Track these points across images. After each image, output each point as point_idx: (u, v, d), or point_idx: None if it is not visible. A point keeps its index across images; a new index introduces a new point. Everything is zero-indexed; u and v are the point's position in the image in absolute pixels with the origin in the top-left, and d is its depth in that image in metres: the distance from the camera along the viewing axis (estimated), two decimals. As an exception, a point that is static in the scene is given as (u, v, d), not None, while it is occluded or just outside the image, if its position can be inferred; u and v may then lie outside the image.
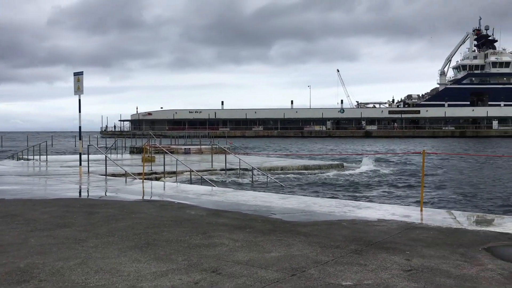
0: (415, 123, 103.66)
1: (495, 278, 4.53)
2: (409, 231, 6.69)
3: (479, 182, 19.84)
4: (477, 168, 26.81)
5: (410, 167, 26.86)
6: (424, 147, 51.59)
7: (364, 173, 22.64)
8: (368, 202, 11.37)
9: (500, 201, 14.53)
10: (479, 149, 52.40)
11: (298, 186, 17.20)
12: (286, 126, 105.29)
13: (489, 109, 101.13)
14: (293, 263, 5.00)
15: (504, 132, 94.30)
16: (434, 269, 4.83)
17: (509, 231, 6.63)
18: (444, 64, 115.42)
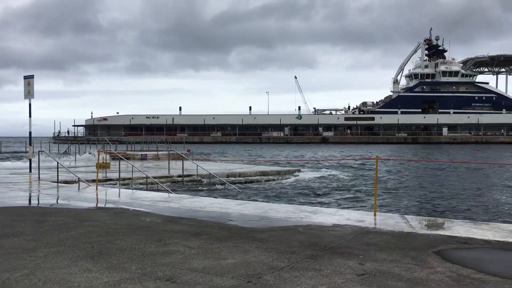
0: (370, 130, 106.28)
1: (443, 280, 4.68)
2: (363, 236, 6.82)
3: (430, 187, 20.52)
4: (429, 174, 27.73)
5: (365, 172, 27.46)
6: (380, 153, 52.97)
7: (321, 178, 22.96)
8: (324, 207, 11.53)
9: (450, 206, 15.07)
10: (430, 155, 54.28)
11: (256, 192, 17.24)
12: (244, 132, 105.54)
13: (440, 116, 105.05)
14: (249, 270, 4.99)
15: (453, 138, 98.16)
16: (386, 273, 4.94)
17: (457, 235, 6.88)
18: (397, 72, 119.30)
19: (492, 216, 13.01)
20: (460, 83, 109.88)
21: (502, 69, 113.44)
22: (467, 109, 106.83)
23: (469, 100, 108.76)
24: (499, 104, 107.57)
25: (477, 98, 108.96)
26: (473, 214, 13.41)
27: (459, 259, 5.49)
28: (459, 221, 8.66)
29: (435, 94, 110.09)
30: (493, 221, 10.27)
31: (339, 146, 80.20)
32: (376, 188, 9.19)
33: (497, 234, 6.92)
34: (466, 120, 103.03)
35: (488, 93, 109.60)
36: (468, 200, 16.41)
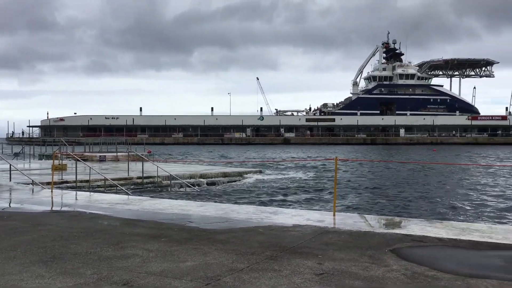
0: (330, 131, 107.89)
1: (399, 278, 4.80)
2: (322, 236, 6.90)
3: (388, 187, 21.02)
4: (387, 174, 28.41)
5: (325, 173, 27.85)
6: (340, 154, 53.87)
7: (282, 179, 23.12)
8: (285, 208, 11.61)
9: (407, 205, 15.48)
10: (390, 156, 55.63)
11: (217, 193, 17.17)
12: (206, 133, 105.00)
13: (397, 118, 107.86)
14: (208, 272, 4.95)
15: (410, 139, 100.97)
16: (344, 272, 5.01)
17: (412, 233, 7.06)
18: (357, 74, 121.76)
19: (446, 215, 13.45)
20: (416, 86, 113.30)
21: (456, 72, 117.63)
22: (423, 111, 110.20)
23: (425, 102, 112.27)
24: (452, 106, 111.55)
25: (432, 100, 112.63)
26: (428, 213, 13.82)
27: (414, 257, 5.63)
28: (415, 220, 8.90)
29: (392, 96, 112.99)
30: (447, 220, 10.61)
31: (300, 147, 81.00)
32: (336, 188, 9.33)
33: (450, 232, 7.15)
34: (422, 121, 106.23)
35: (443, 96, 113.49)
36: (424, 199, 16.91)
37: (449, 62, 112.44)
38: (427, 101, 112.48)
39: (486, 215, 13.49)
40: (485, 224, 9.55)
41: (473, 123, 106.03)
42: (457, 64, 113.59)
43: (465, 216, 13.23)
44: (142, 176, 18.64)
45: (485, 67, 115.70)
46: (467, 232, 7.10)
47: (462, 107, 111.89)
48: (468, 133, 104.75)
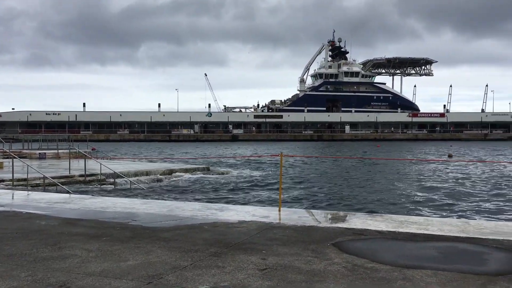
0: (278, 127, 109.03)
1: (340, 271, 4.91)
2: (267, 231, 6.95)
3: (334, 182, 21.51)
4: (333, 169, 29.06)
5: (272, 169, 28.11)
6: (287, 150, 54.53)
7: (230, 175, 23.11)
8: (231, 204, 11.61)
9: (352, 199, 15.91)
10: (334, 151, 56.95)
11: (163, 191, 16.92)
12: (153, 130, 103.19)
13: (342, 114, 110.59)
14: (150, 271, 4.86)
15: (355, 136, 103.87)
16: (287, 266, 5.06)
17: (354, 227, 7.25)
18: (304, 72, 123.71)
19: (388, 208, 13.94)
20: (361, 83, 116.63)
21: (398, 71, 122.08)
22: (367, 108, 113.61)
23: (369, 100, 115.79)
24: (395, 104, 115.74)
25: (376, 97, 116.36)
26: (371, 206, 14.26)
27: (354, 250, 5.78)
28: (357, 213, 9.16)
29: (338, 94, 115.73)
30: (387, 213, 10.97)
31: (248, 144, 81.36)
32: (281, 184, 9.42)
33: (390, 225, 7.40)
34: (366, 118, 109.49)
35: (385, 93, 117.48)
36: (368, 193, 17.44)
37: (391, 60, 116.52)
38: (371, 99, 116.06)
39: (424, 208, 14.08)
40: (422, 216, 9.96)
41: (414, 120, 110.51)
42: (399, 62, 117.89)
43: (405, 209, 13.76)
44: (85, 174, 18.07)
45: (425, 66, 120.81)
46: (405, 225, 7.38)
47: (404, 105, 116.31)
48: (409, 130, 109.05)
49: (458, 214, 12.78)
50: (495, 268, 5.03)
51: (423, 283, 4.50)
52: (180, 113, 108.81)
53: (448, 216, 12.46)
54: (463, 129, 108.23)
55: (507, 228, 7.18)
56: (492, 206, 14.44)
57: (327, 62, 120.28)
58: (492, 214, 12.97)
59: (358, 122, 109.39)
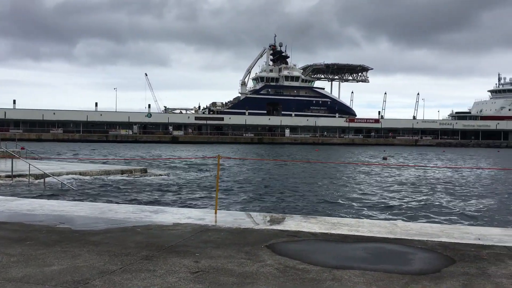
0: (219, 130, 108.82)
1: (272, 272, 4.94)
2: (201, 234, 6.88)
3: (272, 184, 21.72)
4: (271, 172, 29.36)
5: (210, 171, 27.98)
6: (228, 153, 54.50)
7: (167, 177, 22.74)
8: (166, 207, 11.40)
9: (289, 201, 16.12)
10: (277, 154, 57.63)
11: (96, 192, 16.34)
12: (89, 130, 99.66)
13: (283, 118, 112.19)
14: (75, 276, 4.66)
15: (294, 139, 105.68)
16: (220, 269, 5.03)
17: (288, 229, 7.34)
18: (245, 75, 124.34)
19: (322, 210, 14.26)
20: (301, 88, 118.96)
21: (336, 76, 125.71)
22: (306, 112, 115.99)
23: (308, 104, 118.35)
24: (333, 109, 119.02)
25: (315, 102, 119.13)
26: (308, 209, 14.53)
27: (287, 252, 5.85)
28: (293, 216, 9.29)
29: (278, 97, 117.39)
30: (321, 215, 11.22)
31: (189, 146, 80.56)
32: (217, 186, 9.38)
33: (323, 226, 7.56)
34: (305, 122, 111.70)
35: (324, 98, 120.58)
36: (305, 196, 17.75)
37: (330, 66, 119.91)
38: (310, 103, 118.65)
39: (357, 210, 14.54)
40: (354, 218, 10.26)
41: (351, 125, 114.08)
42: (337, 68, 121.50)
43: (339, 211, 14.13)
44: (12, 174, 17.11)
45: (361, 73, 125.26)
46: (338, 227, 7.57)
47: (341, 110, 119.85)
48: (346, 134, 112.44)
49: (389, 216, 13.31)
50: (419, 268, 5.26)
51: (350, 283, 4.62)
52: (118, 113, 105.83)
53: (379, 218, 12.94)
54: (396, 135, 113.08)
55: (431, 229, 7.55)
56: (420, 208, 15.15)
57: (268, 66, 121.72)
58: (420, 216, 13.60)
59: (298, 126, 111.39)
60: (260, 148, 77.13)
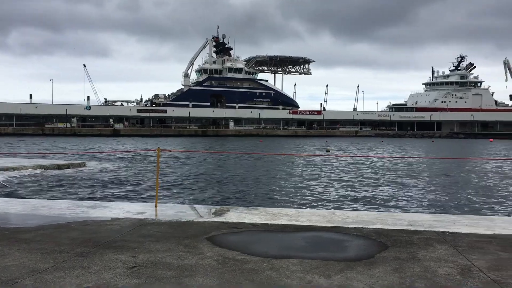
0: (162, 122, 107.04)
1: (211, 264, 4.93)
2: (141, 228, 6.75)
3: (215, 176, 21.66)
4: (215, 164, 29.28)
5: (152, 164, 27.50)
6: (171, 145, 53.73)
7: (106, 171, 22.12)
8: (105, 201, 11.09)
9: (233, 193, 16.14)
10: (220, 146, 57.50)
11: (29, 188, 15.62)
12: (23, 123, 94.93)
13: (227, 110, 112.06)
14: (3, 275, 4.43)
15: (238, 131, 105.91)
16: (158, 263, 4.96)
17: (229, 220, 7.36)
18: (188, 66, 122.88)
19: (266, 201, 14.40)
20: (244, 80, 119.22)
21: (279, 69, 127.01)
22: (250, 104, 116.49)
23: (252, 96, 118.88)
24: (276, 101, 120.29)
25: (259, 94, 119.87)
26: (251, 200, 14.62)
27: (227, 243, 5.86)
28: (234, 207, 9.31)
29: (222, 89, 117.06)
30: (263, 206, 11.33)
31: (131, 139, 78.70)
32: (158, 179, 9.23)
33: (263, 217, 7.64)
34: (249, 114, 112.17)
35: (268, 90, 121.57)
36: (250, 187, 17.85)
37: (273, 58, 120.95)
38: (254, 95, 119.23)
39: (298, 200, 14.80)
40: (294, 208, 10.45)
41: (294, 117, 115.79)
42: (280, 60, 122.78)
43: (281, 202, 14.32)
44: None
45: (304, 65, 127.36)
46: (278, 217, 7.67)
47: (285, 102, 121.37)
48: (289, 126, 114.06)
49: (329, 205, 13.65)
50: (354, 254, 5.44)
51: (288, 272, 4.70)
52: (55, 106, 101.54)
53: (319, 207, 13.25)
54: (338, 126, 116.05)
55: (367, 217, 7.83)
56: (359, 197, 15.65)
57: (211, 57, 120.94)
58: (358, 204, 14.07)
59: (242, 118, 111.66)
60: (204, 140, 76.69)
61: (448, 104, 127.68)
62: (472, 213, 12.01)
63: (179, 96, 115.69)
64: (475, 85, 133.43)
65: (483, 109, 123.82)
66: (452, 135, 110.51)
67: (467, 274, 4.70)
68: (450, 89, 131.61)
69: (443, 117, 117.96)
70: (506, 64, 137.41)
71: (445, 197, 16.06)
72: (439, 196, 16.36)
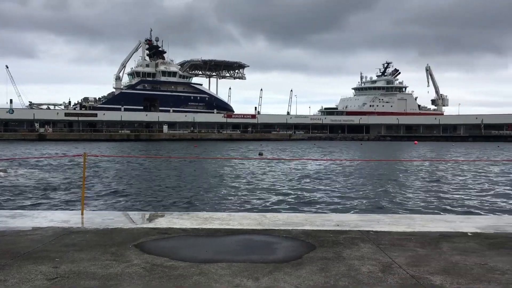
0: (92, 126, 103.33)
1: (137, 272, 4.81)
2: (64, 237, 6.46)
3: (146, 181, 21.21)
4: (147, 169, 28.66)
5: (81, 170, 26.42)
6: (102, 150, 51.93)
7: (29, 179, 21.00)
8: (26, 210, 10.51)
9: (164, 199, 15.87)
10: (151, 150, 56.34)
11: None
12: None
13: (160, 114, 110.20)
14: None
15: (173, 135, 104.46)
16: (82, 273, 4.77)
17: (159, 226, 7.22)
18: (120, 69, 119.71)
19: (199, 205, 14.30)
20: (178, 83, 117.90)
21: (214, 73, 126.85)
22: (184, 108, 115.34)
23: (186, 100, 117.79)
24: (211, 105, 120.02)
25: (193, 98, 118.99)
26: (183, 205, 14.45)
27: (156, 250, 5.75)
28: (165, 212, 9.14)
29: (156, 93, 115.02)
30: (196, 211, 11.25)
31: (58, 144, 75.23)
32: (84, 186, 8.88)
33: (194, 222, 7.56)
34: (184, 118, 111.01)
35: (202, 94, 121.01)
36: (183, 192, 17.63)
37: (207, 62, 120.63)
38: (188, 99, 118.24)
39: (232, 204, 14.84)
40: (226, 212, 10.46)
41: (228, 120, 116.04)
42: (214, 65, 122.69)
43: (213, 206, 14.28)
44: None
45: (238, 70, 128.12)
46: (209, 221, 7.63)
47: (219, 106, 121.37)
48: (224, 130, 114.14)
49: (261, 208, 13.79)
50: (282, 256, 5.52)
51: (217, 276, 4.69)
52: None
53: (251, 210, 13.35)
54: (272, 130, 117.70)
55: (297, 218, 7.99)
56: (291, 198, 15.95)
57: (144, 60, 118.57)
58: (290, 207, 14.33)
59: (176, 122, 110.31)
60: (137, 145, 74.91)
61: (376, 108, 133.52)
62: (394, 212, 12.63)
63: (111, 100, 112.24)
64: (400, 90, 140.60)
65: (407, 113, 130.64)
66: (379, 138, 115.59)
67: (388, 270, 4.92)
68: (378, 94, 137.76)
69: (371, 120, 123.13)
70: (428, 70, 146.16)
71: (372, 197, 16.75)
72: (367, 196, 17.03)
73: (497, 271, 4.90)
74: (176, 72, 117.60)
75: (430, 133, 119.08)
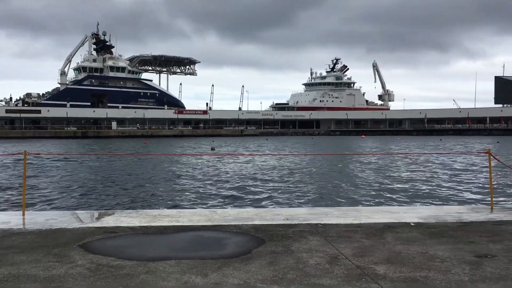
0: (36, 123, 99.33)
1: (82, 273, 4.66)
2: (4, 239, 6.17)
3: (95, 180, 20.63)
4: (94, 167, 27.88)
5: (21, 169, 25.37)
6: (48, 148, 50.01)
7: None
8: (-37, 212, 9.96)
9: (112, 197, 15.49)
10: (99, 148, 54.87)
11: None
12: None
13: (109, 110, 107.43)
14: None
15: (122, 132, 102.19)
16: (22, 276, 4.57)
17: (106, 225, 7.03)
18: (65, 64, 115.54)
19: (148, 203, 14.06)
20: (127, 79, 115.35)
21: (164, 69, 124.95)
22: (134, 104, 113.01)
23: (136, 96, 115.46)
24: (161, 101, 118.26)
25: (143, 94, 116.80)
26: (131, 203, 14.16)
27: (102, 249, 5.59)
28: (112, 211, 8.97)
29: (104, 88, 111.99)
30: (145, 208, 11.06)
31: None
32: (24, 185, 8.51)
33: (143, 220, 7.43)
34: (133, 114, 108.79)
35: (152, 90, 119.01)
36: (131, 190, 17.27)
37: (157, 58, 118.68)
38: (138, 95, 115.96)
39: (182, 201, 14.70)
40: (175, 209, 10.35)
41: (180, 116, 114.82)
42: (165, 60, 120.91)
43: (163, 203, 14.10)
44: None
45: (189, 66, 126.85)
46: (158, 219, 7.51)
47: (170, 102, 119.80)
48: (175, 126, 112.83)
49: (212, 204, 13.74)
50: (232, 251, 5.52)
51: (165, 274, 4.62)
52: None
53: (202, 206, 13.28)
54: (223, 126, 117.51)
55: (247, 214, 8.01)
56: (242, 194, 15.99)
57: (91, 55, 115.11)
58: (239, 201, 14.36)
59: (125, 118, 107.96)
60: (84, 142, 72.70)
61: (325, 103, 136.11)
62: (343, 204, 12.93)
63: (56, 95, 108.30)
64: (349, 85, 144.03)
65: (356, 108, 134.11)
66: (329, 133, 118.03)
67: (335, 262, 5.02)
68: (327, 89, 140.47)
69: (321, 115, 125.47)
70: (375, 66, 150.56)
71: (321, 191, 17.07)
72: (316, 190, 17.34)
73: (437, 259, 5.12)
74: (125, 68, 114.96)
75: (377, 128, 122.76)
